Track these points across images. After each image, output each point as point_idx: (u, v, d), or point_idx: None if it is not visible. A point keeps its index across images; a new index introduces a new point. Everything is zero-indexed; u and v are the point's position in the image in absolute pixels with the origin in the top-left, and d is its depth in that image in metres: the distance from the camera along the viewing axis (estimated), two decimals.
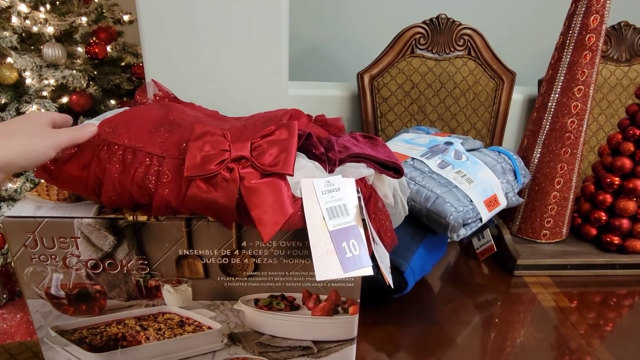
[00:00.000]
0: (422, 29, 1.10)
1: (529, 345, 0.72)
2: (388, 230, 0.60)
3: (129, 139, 0.53)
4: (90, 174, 0.51)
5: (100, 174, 0.51)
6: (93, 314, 0.58)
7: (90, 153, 0.52)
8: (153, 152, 0.51)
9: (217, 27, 0.95)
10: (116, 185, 0.50)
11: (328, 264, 0.50)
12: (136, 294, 0.57)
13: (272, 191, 0.48)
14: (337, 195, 0.52)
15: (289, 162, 0.48)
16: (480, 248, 0.91)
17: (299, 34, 1.57)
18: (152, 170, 0.50)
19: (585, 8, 0.81)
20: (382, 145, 0.60)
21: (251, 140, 0.51)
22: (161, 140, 0.53)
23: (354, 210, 0.52)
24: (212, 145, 0.50)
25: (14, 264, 0.53)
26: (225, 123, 0.63)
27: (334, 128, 0.65)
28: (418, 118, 1.16)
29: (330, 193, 0.52)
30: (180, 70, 0.99)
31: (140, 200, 0.51)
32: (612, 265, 0.90)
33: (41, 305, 0.57)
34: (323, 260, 0.50)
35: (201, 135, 0.51)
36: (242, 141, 0.50)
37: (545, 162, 0.90)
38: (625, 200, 0.89)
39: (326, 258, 0.50)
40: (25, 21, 1.35)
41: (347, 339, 0.60)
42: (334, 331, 0.60)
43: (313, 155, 0.54)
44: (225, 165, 0.48)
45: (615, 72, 1.20)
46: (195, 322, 0.66)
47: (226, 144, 0.50)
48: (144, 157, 0.51)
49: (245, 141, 0.50)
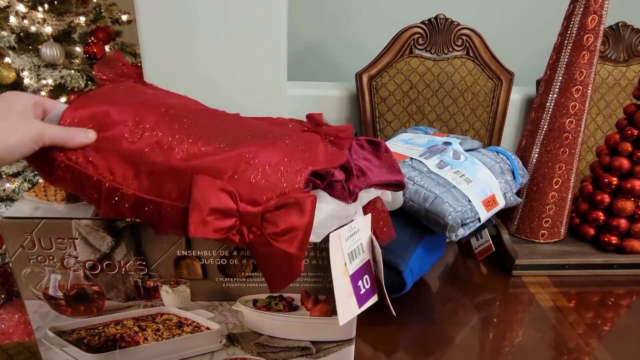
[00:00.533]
0: (421, 29, 1.10)
1: (527, 345, 0.72)
2: (386, 225, 0.61)
3: (110, 179, 0.46)
4: (84, 195, 0.48)
5: (93, 200, 0.48)
6: (91, 315, 0.58)
7: (73, 184, 0.47)
8: (146, 197, 0.45)
9: (215, 27, 0.95)
10: (112, 213, 0.47)
11: (348, 306, 0.51)
12: (134, 294, 0.57)
13: (283, 258, 0.45)
14: (357, 236, 0.51)
15: (303, 245, 0.45)
16: (478, 248, 0.91)
17: (297, 34, 1.57)
18: (148, 212, 0.46)
19: (583, 8, 0.81)
20: (385, 151, 0.58)
21: (263, 205, 0.44)
22: (150, 182, 0.45)
23: (367, 245, 0.52)
24: (218, 200, 0.43)
25: (12, 265, 0.53)
26: (217, 134, 0.52)
27: (345, 140, 0.55)
28: (416, 118, 1.16)
29: (352, 237, 0.51)
30: (179, 70, 0.99)
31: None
32: (610, 265, 0.90)
33: (39, 306, 0.56)
34: (344, 304, 0.51)
35: (205, 188, 0.44)
36: (250, 198, 0.44)
37: (544, 162, 0.90)
38: (623, 200, 0.89)
39: (347, 301, 0.52)
40: (24, 21, 1.35)
41: (346, 339, 0.60)
42: (333, 331, 0.60)
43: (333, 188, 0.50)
44: (235, 230, 0.45)
45: (613, 73, 1.20)
46: (193, 323, 0.66)
47: (233, 206, 0.44)
48: (136, 199, 0.46)
49: (256, 205, 0.44)
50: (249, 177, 0.44)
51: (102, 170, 0.46)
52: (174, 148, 0.46)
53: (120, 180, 0.46)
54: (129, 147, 0.46)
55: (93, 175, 0.46)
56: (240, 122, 0.54)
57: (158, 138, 0.47)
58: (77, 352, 0.58)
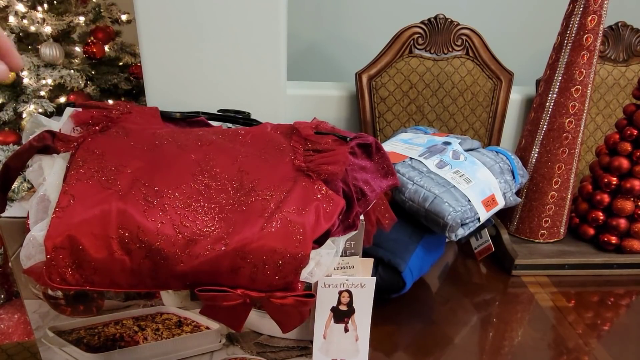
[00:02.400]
0: (420, 29, 1.10)
1: (527, 345, 0.72)
2: (387, 211, 0.61)
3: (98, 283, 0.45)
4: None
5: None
6: (91, 315, 0.58)
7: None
8: (141, 289, 0.48)
9: (215, 27, 0.95)
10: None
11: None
12: (134, 294, 0.57)
13: (292, 311, 0.49)
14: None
15: (309, 303, 0.49)
16: (478, 248, 0.91)
17: (297, 34, 1.57)
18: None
19: (582, 8, 0.81)
20: (377, 151, 0.58)
21: (266, 292, 0.47)
22: (155, 283, 0.46)
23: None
24: (225, 298, 0.47)
25: (12, 265, 0.53)
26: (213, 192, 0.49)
27: (339, 173, 0.52)
28: (416, 118, 1.16)
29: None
30: (179, 70, 0.99)
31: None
32: (609, 265, 0.90)
33: (39, 305, 0.56)
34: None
35: (211, 298, 0.47)
36: (254, 288, 0.47)
37: (543, 162, 0.90)
38: (622, 200, 0.89)
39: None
40: (23, 21, 1.35)
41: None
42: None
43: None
44: (243, 300, 0.48)
45: (613, 72, 1.20)
46: (193, 322, 0.66)
47: (240, 300, 0.47)
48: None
49: (260, 292, 0.47)
50: (247, 273, 0.46)
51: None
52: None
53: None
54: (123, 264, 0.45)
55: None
56: (227, 168, 0.51)
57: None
58: (77, 351, 0.58)
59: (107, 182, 0.46)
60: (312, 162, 0.52)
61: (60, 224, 0.43)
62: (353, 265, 0.57)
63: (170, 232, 0.44)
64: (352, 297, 0.58)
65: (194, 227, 0.45)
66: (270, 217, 0.46)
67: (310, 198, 0.49)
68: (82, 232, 0.43)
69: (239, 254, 0.45)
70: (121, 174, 0.47)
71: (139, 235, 0.44)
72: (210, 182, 0.49)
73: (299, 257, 0.46)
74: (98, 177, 0.46)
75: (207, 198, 0.47)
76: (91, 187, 0.45)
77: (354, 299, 0.58)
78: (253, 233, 0.46)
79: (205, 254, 0.45)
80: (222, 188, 0.48)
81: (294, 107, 1.14)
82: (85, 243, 0.43)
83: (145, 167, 0.48)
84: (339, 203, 0.49)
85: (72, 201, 0.43)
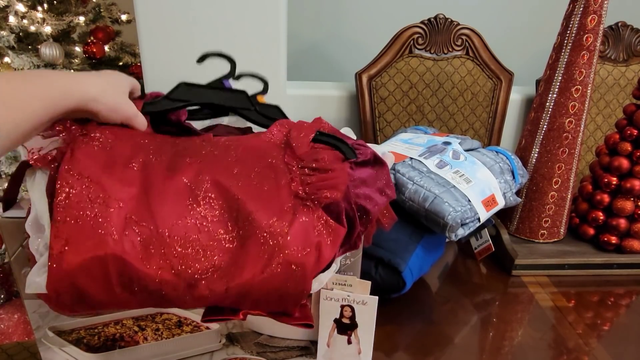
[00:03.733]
0: (420, 29, 1.10)
1: (527, 345, 0.72)
2: (386, 211, 0.61)
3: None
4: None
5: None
6: (91, 315, 0.58)
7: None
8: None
9: (215, 27, 0.95)
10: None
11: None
12: None
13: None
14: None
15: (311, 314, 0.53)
16: (478, 248, 0.91)
17: (297, 34, 1.56)
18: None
19: (582, 8, 0.81)
20: (375, 162, 0.57)
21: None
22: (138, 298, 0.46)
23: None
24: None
25: (12, 264, 0.53)
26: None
27: (339, 200, 0.50)
28: (416, 118, 1.16)
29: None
30: (178, 70, 0.99)
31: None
32: (609, 265, 0.90)
33: (39, 305, 0.57)
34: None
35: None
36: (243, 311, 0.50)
37: (543, 162, 0.90)
38: (622, 200, 0.89)
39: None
40: (23, 20, 1.35)
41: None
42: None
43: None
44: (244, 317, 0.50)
45: (613, 72, 1.20)
46: (193, 323, 0.66)
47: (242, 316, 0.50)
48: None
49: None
50: (249, 305, 0.49)
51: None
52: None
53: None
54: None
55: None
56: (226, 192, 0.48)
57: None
58: (77, 351, 0.58)
59: (97, 221, 0.43)
60: (310, 186, 0.49)
61: (59, 272, 0.42)
62: (351, 284, 0.59)
63: (170, 277, 0.44)
64: (354, 312, 0.59)
65: (193, 269, 0.44)
66: (270, 258, 0.45)
67: (311, 234, 0.47)
68: (81, 278, 0.42)
69: (240, 293, 0.46)
70: (112, 211, 0.43)
71: (140, 281, 0.43)
72: (207, 213, 0.46)
73: (299, 294, 0.48)
74: (88, 215, 0.43)
75: (205, 234, 0.45)
76: (82, 228, 0.42)
77: (356, 315, 0.59)
78: (254, 275, 0.45)
79: (207, 295, 0.45)
80: (219, 219, 0.46)
81: (294, 107, 1.14)
82: (86, 287, 0.43)
83: (136, 197, 0.45)
84: (340, 233, 0.48)
85: (66, 247, 0.42)
